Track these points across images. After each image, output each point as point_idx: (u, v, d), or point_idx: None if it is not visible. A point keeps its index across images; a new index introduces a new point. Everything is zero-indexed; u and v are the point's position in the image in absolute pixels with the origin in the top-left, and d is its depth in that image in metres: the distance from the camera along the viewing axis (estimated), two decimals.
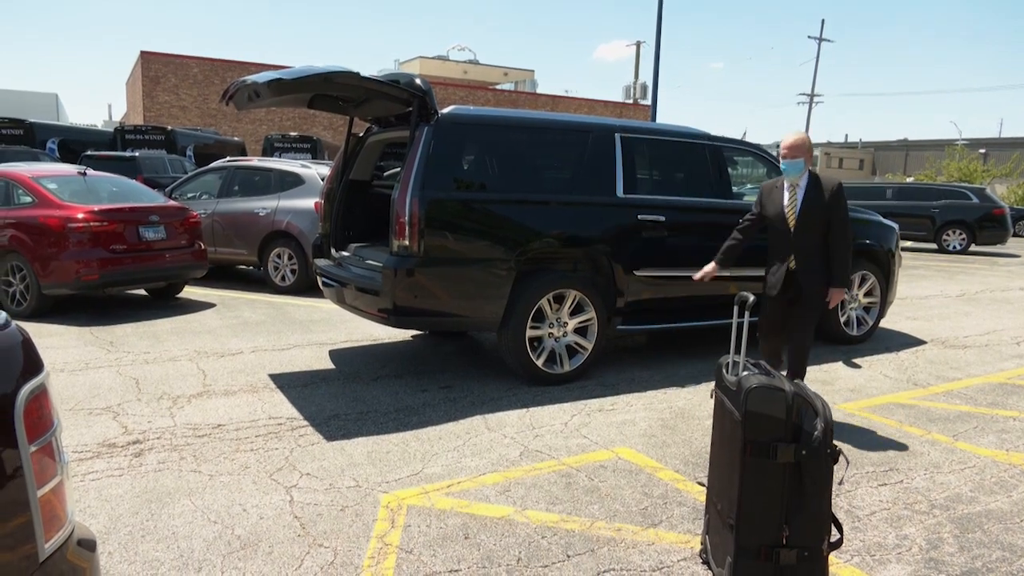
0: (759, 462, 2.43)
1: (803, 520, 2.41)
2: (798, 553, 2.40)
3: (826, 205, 4.15)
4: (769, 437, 2.42)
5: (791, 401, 2.44)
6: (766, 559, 2.42)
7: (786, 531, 2.41)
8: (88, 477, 3.49)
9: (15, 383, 1.42)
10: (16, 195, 7.51)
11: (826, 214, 4.16)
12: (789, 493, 2.41)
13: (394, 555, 2.85)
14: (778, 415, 2.43)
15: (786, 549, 2.41)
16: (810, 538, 2.41)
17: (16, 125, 17.91)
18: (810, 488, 2.39)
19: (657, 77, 19.78)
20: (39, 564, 1.44)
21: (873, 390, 5.31)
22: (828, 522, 2.44)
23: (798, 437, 2.41)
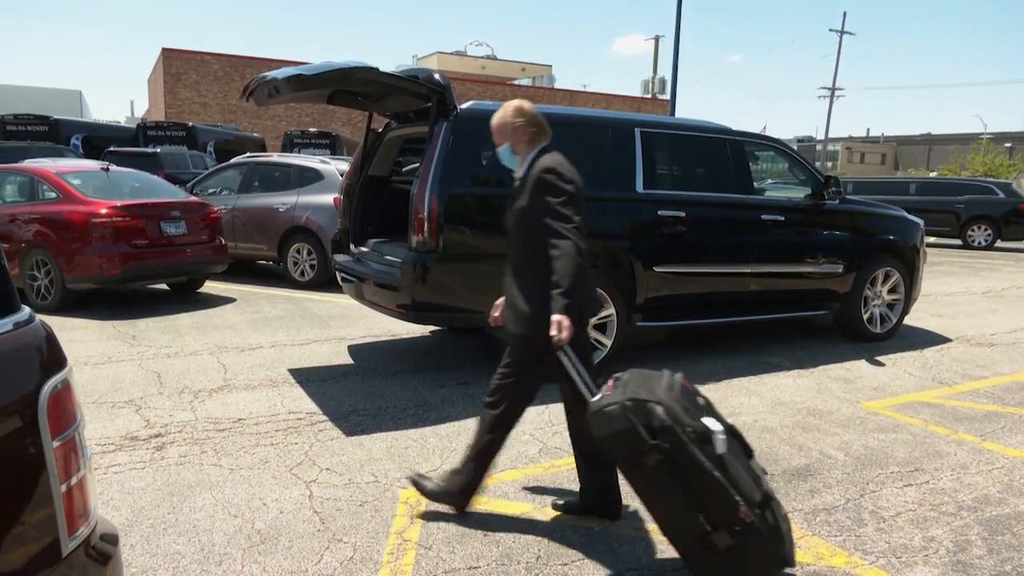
0: (638, 475, 2.51)
1: (708, 502, 2.43)
2: (729, 532, 2.41)
3: (526, 206, 2.96)
4: (630, 450, 2.47)
5: (628, 408, 2.48)
6: (706, 549, 2.45)
7: (703, 518, 2.43)
8: (111, 470, 3.52)
9: (39, 378, 1.43)
10: (41, 191, 7.61)
11: (527, 218, 2.96)
12: (682, 485, 2.44)
13: (413, 551, 2.85)
14: (623, 426, 2.48)
15: (716, 533, 2.42)
16: (726, 514, 2.41)
17: (41, 122, 18.17)
18: (692, 471, 2.42)
19: (676, 71, 19.63)
20: (62, 558, 1.44)
21: (897, 388, 5.23)
22: (730, 489, 2.41)
23: (655, 435, 2.44)
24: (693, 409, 2.55)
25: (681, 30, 19.37)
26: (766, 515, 2.43)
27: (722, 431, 2.47)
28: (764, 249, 5.88)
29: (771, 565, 2.47)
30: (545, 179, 2.88)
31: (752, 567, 2.47)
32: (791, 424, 4.40)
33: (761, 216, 5.86)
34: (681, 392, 2.59)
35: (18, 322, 1.45)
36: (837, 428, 4.35)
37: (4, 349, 1.39)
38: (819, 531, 3.08)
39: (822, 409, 4.70)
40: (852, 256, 6.31)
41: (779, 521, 2.48)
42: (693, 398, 2.62)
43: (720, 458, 2.43)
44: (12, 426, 1.35)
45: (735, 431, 2.62)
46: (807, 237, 6.17)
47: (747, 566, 2.46)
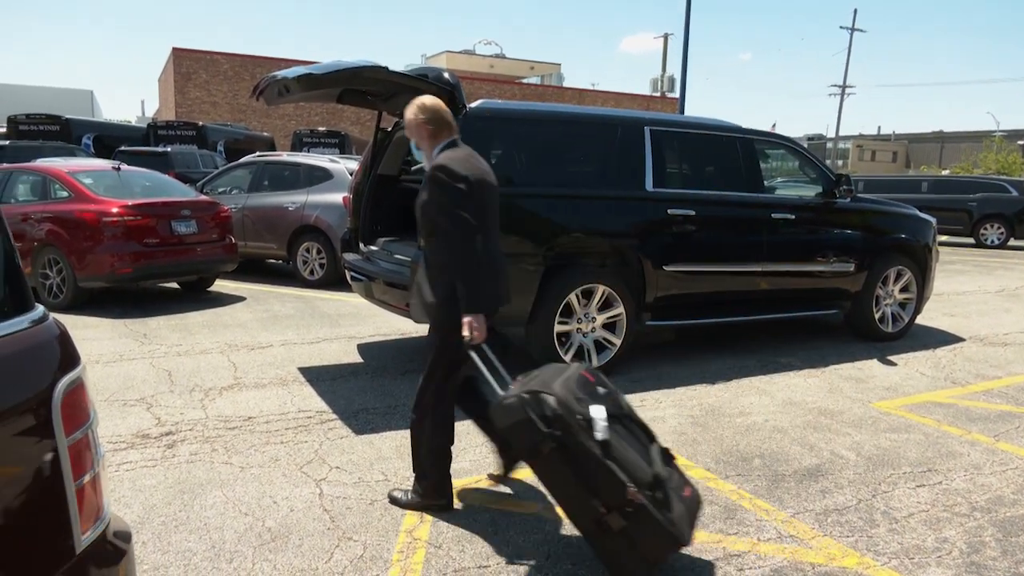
0: (538, 463, 2.65)
1: (601, 484, 2.53)
2: (621, 513, 2.50)
3: (425, 201, 3.02)
4: (528, 439, 2.61)
5: (525, 400, 2.63)
6: (603, 531, 2.55)
7: (597, 502, 2.53)
8: (123, 467, 3.54)
9: (52, 376, 1.43)
10: (53, 190, 7.67)
11: (426, 213, 3.03)
12: (575, 470, 2.56)
13: (423, 550, 2.85)
14: (520, 417, 2.62)
15: (609, 515, 2.51)
16: (615, 496, 2.50)
17: (53, 121, 18.30)
18: (581, 457, 2.54)
19: (686, 69, 19.55)
20: (76, 555, 1.45)
21: (909, 388, 5.19)
22: (617, 472, 2.51)
23: (549, 424, 2.57)
24: (587, 398, 2.66)
25: (690, 28, 19.32)
26: (656, 496, 2.52)
27: (604, 418, 2.58)
28: (774, 248, 5.85)
29: (665, 545, 2.55)
30: (436, 176, 2.96)
31: (646, 547, 2.54)
32: (802, 424, 4.38)
33: (771, 215, 5.83)
34: (577, 382, 2.72)
35: (33, 320, 1.46)
36: (849, 428, 4.32)
37: (19, 347, 1.40)
38: (831, 531, 3.06)
39: (833, 409, 4.68)
40: (863, 255, 6.27)
41: (674, 502, 2.57)
42: (592, 387, 2.74)
43: (604, 443, 2.54)
44: (27, 423, 1.36)
45: (633, 417, 2.78)
46: (818, 236, 6.14)
47: (642, 546, 2.54)
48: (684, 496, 2.66)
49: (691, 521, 2.64)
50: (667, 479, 2.61)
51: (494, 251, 3.04)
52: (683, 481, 2.76)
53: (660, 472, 2.59)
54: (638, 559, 2.55)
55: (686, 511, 2.61)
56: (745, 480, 3.56)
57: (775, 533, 3.04)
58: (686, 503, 2.65)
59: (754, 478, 3.59)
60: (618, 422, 2.68)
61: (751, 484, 3.52)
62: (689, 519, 2.62)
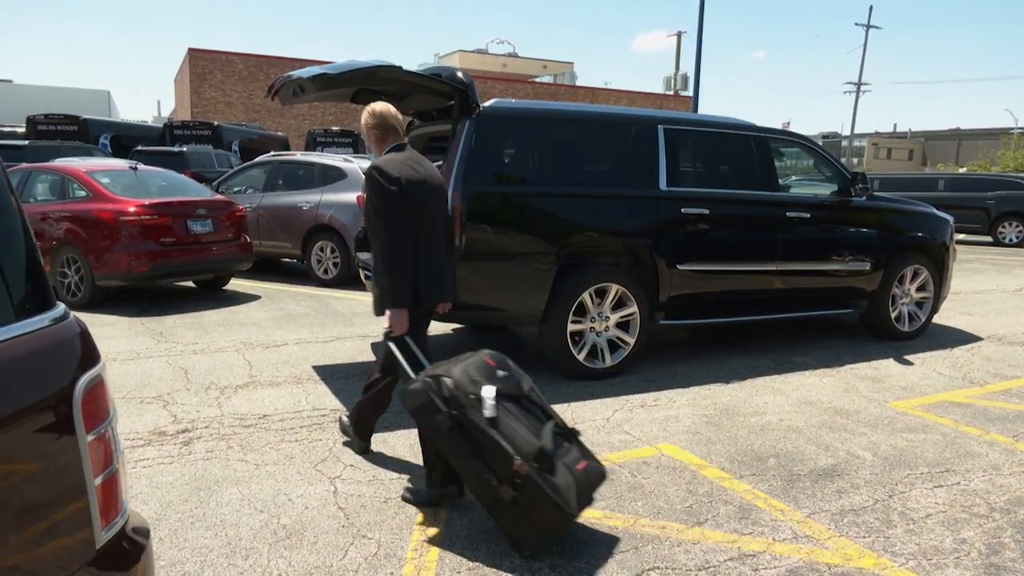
0: (441, 441, 2.86)
1: (491, 458, 2.75)
2: (511, 485, 2.70)
3: (364, 200, 3.27)
4: (431, 419, 2.84)
5: (427, 383, 2.87)
6: (498, 503, 2.76)
7: (491, 475, 2.75)
8: (140, 464, 3.58)
9: (73, 374, 1.45)
10: (71, 189, 7.75)
11: (366, 214, 3.24)
12: (471, 445, 2.77)
13: (437, 548, 2.86)
14: (424, 400, 2.85)
15: (501, 487, 2.73)
16: (504, 468, 2.72)
17: (71, 121, 18.50)
18: (475, 433, 2.77)
19: (699, 67, 19.47)
20: (96, 550, 1.47)
21: (927, 388, 5.15)
22: (504, 445, 2.74)
23: (447, 403, 2.81)
24: (483, 380, 2.88)
25: (704, 26, 19.22)
26: (542, 467, 2.72)
27: (493, 396, 2.81)
28: (789, 247, 5.81)
29: (551, 514, 2.71)
30: (369, 177, 3.19)
31: (536, 517, 2.72)
32: (817, 424, 4.35)
33: (786, 213, 5.79)
34: (476, 366, 2.95)
35: (55, 318, 1.48)
36: (865, 428, 4.29)
37: (41, 345, 1.42)
38: (847, 532, 3.04)
39: (849, 409, 4.64)
40: (879, 253, 6.22)
41: (560, 473, 2.77)
42: (491, 370, 2.97)
43: (492, 419, 2.77)
44: (48, 420, 1.38)
45: (532, 398, 3.00)
46: (833, 234, 6.09)
47: (532, 516, 2.72)
48: (577, 469, 2.84)
49: (584, 492, 2.83)
50: (553, 452, 2.80)
51: (428, 250, 3.30)
52: (581, 456, 2.93)
53: (546, 445, 2.78)
54: (531, 529, 2.75)
55: (575, 482, 2.78)
56: (760, 480, 3.54)
57: (790, 533, 3.02)
58: (577, 475, 2.82)
59: (769, 478, 3.57)
60: (514, 401, 2.91)
61: (766, 484, 3.50)
62: (580, 490, 2.80)
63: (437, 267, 3.37)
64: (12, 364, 1.34)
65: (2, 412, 1.29)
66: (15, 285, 1.41)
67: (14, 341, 1.36)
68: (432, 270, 3.33)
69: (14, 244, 1.42)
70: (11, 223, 1.43)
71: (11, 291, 1.39)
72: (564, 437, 2.96)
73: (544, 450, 2.77)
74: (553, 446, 2.83)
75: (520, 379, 3.06)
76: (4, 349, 1.33)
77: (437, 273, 3.37)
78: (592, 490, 2.93)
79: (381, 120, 3.37)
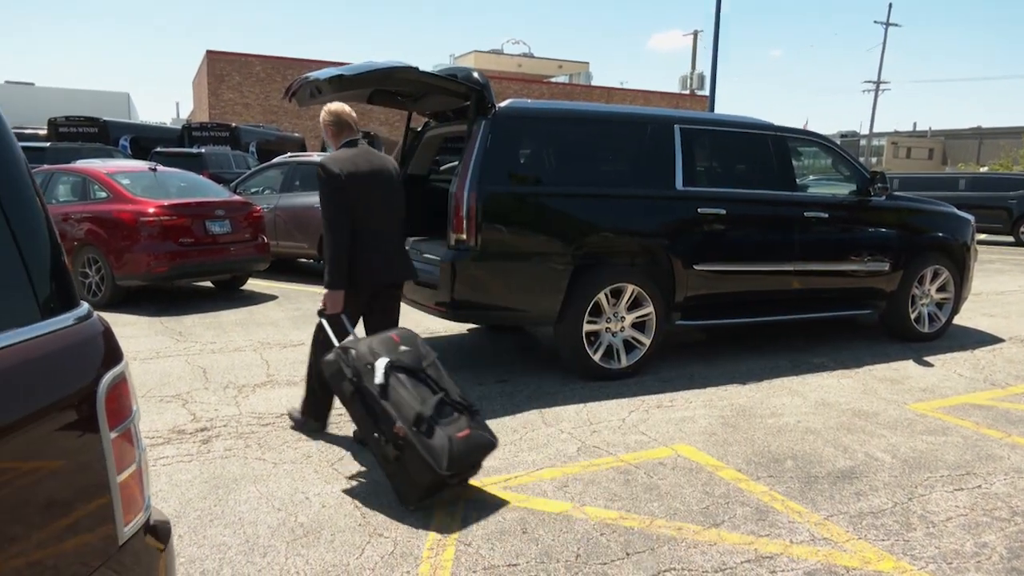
0: (347, 405, 3.31)
1: (382, 422, 3.15)
2: (394, 445, 3.11)
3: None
4: (339, 386, 3.30)
5: (339, 355, 3.32)
6: (386, 460, 3.18)
7: (382, 435, 3.15)
8: (160, 462, 3.62)
9: (97, 372, 1.47)
10: (92, 190, 7.86)
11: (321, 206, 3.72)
12: (367, 410, 3.21)
13: (453, 547, 2.87)
14: (336, 368, 3.30)
15: (387, 446, 3.13)
16: (388, 430, 3.13)
17: (92, 123, 18.75)
18: (369, 398, 3.20)
19: (716, 66, 19.37)
20: (119, 547, 1.48)
21: (947, 390, 5.09)
22: (390, 410, 3.15)
23: (351, 372, 3.25)
24: (383, 353, 3.30)
25: (720, 24, 19.10)
26: (421, 432, 3.10)
27: (384, 367, 3.22)
28: (807, 247, 5.77)
29: (424, 471, 3.08)
30: (318, 171, 3.63)
31: (413, 474, 3.11)
32: (835, 425, 4.31)
33: (804, 213, 5.75)
34: (381, 341, 3.39)
35: (79, 317, 1.50)
36: (884, 430, 4.25)
37: (65, 343, 1.44)
38: (866, 535, 3.01)
39: (868, 410, 4.60)
40: (899, 254, 6.15)
41: (437, 437, 3.12)
42: (394, 345, 3.38)
43: (382, 386, 3.17)
44: (72, 417, 1.40)
45: (429, 372, 3.37)
46: (852, 234, 6.04)
47: (410, 473, 3.11)
48: (456, 436, 3.17)
49: (461, 458, 3.15)
50: (434, 418, 3.17)
51: (371, 238, 3.70)
52: (467, 427, 3.25)
53: (425, 412, 3.15)
54: (411, 484, 3.14)
55: (451, 447, 3.12)
56: (777, 481, 3.52)
57: (808, 535, 3.00)
58: (455, 442, 3.15)
59: (786, 480, 3.55)
60: (409, 374, 3.30)
61: (783, 486, 3.48)
62: (456, 455, 3.12)
63: (383, 253, 3.77)
64: (37, 362, 1.36)
65: (28, 410, 1.31)
66: (40, 284, 1.43)
67: (39, 340, 1.38)
68: (373, 257, 3.71)
69: (39, 244, 1.44)
70: (37, 223, 1.45)
71: (36, 290, 1.42)
72: (455, 408, 3.30)
73: (422, 415, 3.14)
74: (434, 413, 3.19)
75: (422, 356, 3.44)
76: (30, 348, 1.35)
77: (384, 259, 3.78)
78: (472, 457, 3.25)
79: (336, 118, 3.77)
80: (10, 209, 1.39)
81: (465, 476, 3.33)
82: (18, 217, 1.41)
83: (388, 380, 3.20)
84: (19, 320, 1.37)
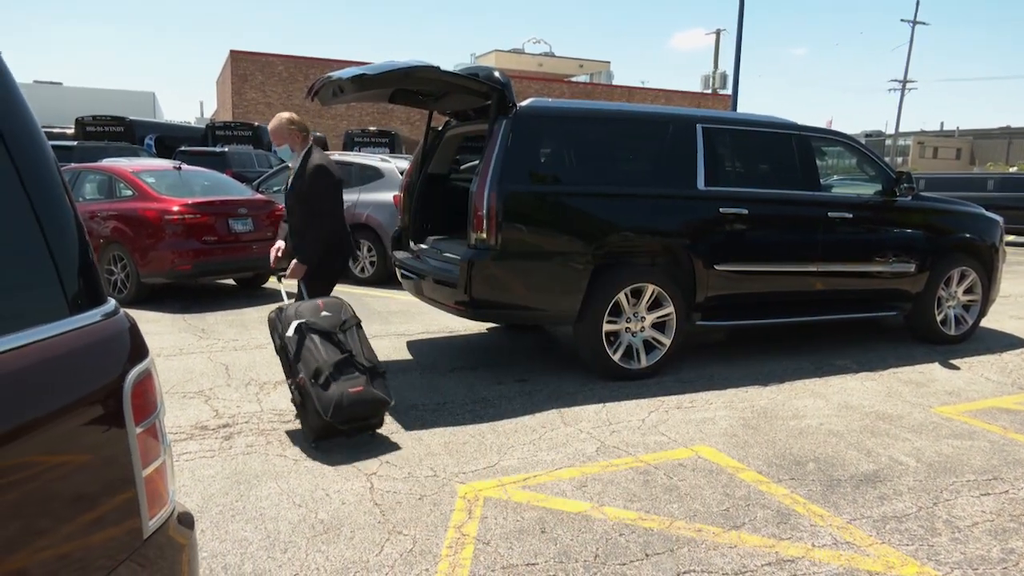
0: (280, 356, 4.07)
1: (292, 373, 3.89)
2: (300, 391, 3.81)
3: (305, 185, 4.33)
4: (273, 340, 4.11)
5: (274, 315, 4.08)
6: (295, 405, 3.95)
7: (294, 383, 3.86)
8: (183, 457, 3.67)
9: (123, 367, 1.49)
10: (118, 188, 7.97)
11: (302, 196, 4.34)
12: (285, 360, 3.99)
13: (471, 546, 2.87)
14: (271, 326, 4.11)
15: (295, 392, 3.88)
16: (295, 380, 3.85)
17: (118, 123, 19.05)
18: (284, 352, 3.97)
19: (738, 65, 19.20)
20: (143, 540, 1.50)
21: (974, 393, 5.00)
22: (296, 363, 3.83)
23: (279, 328, 4.01)
24: (306, 316, 3.92)
25: (743, 23, 18.93)
26: (317, 383, 3.70)
27: (295, 327, 3.86)
28: (831, 247, 5.70)
29: (316, 418, 3.70)
30: (321, 170, 4.31)
31: (310, 419, 3.77)
32: (859, 428, 4.26)
33: (828, 213, 5.68)
34: (307, 306, 4.01)
35: (106, 313, 1.52)
36: (908, 433, 4.19)
37: (93, 339, 1.46)
38: (889, 539, 2.97)
39: (892, 413, 4.54)
40: (925, 255, 6.06)
41: (332, 389, 3.68)
42: (318, 310, 3.98)
43: (292, 341, 3.85)
44: (99, 412, 1.42)
45: (340, 337, 3.90)
46: (877, 235, 5.96)
47: (308, 417, 3.79)
48: (349, 391, 3.70)
49: (347, 408, 3.67)
50: (331, 374, 3.72)
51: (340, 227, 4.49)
52: (362, 384, 3.77)
53: (323, 367, 3.73)
54: (308, 425, 3.82)
55: (342, 400, 3.66)
56: (799, 484, 3.49)
57: (830, 539, 2.97)
58: (346, 395, 3.68)
59: (808, 482, 3.51)
60: (323, 335, 3.87)
61: (805, 488, 3.44)
62: (343, 405, 3.66)
63: (343, 239, 4.52)
64: (66, 358, 1.38)
65: (56, 405, 1.33)
66: (69, 281, 1.45)
67: (67, 336, 1.40)
68: (335, 242, 4.44)
69: (68, 241, 1.47)
70: (66, 220, 1.47)
71: (65, 287, 1.44)
72: (357, 368, 3.82)
73: (320, 370, 3.73)
74: (334, 370, 3.73)
75: (340, 322, 3.97)
76: (58, 344, 1.38)
77: (346, 244, 4.57)
78: (361, 410, 3.75)
79: (300, 125, 4.44)
80: (40, 207, 1.41)
81: (361, 426, 3.84)
82: (48, 215, 1.43)
83: (299, 338, 3.84)
84: (48, 316, 1.39)
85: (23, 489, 1.25)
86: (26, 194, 1.40)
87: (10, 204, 1.38)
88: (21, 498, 1.24)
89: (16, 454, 1.24)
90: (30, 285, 1.40)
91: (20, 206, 1.39)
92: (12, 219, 1.38)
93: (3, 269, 1.35)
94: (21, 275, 1.39)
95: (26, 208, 1.39)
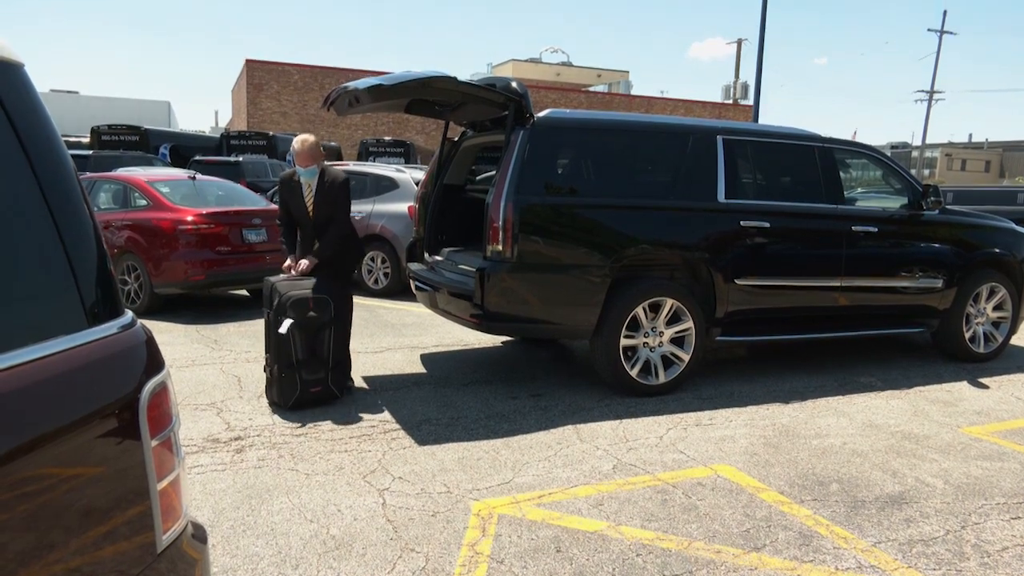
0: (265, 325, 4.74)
1: (268, 351, 4.63)
2: (270, 370, 4.61)
3: (331, 198, 4.84)
4: (264, 309, 4.73)
5: (270, 288, 4.64)
6: (269, 375, 4.65)
7: (268, 358, 4.62)
8: (194, 470, 3.62)
9: (139, 380, 1.46)
10: (133, 198, 7.99)
11: (332, 204, 4.84)
12: (268, 340, 4.66)
13: (485, 564, 2.80)
14: (265, 294, 4.69)
15: (267, 368, 4.64)
16: (270, 360, 4.59)
17: (133, 132, 19.23)
18: (273, 333, 4.54)
19: (760, 75, 19.08)
20: (157, 555, 1.47)
21: (1003, 413, 4.87)
22: (274, 347, 4.55)
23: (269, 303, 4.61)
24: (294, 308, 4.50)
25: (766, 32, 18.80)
26: (285, 369, 4.49)
27: (287, 326, 4.44)
28: (854, 262, 5.60)
29: (277, 399, 4.56)
30: (346, 183, 4.89)
31: (274, 391, 4.58)
32: (884, 448, 4.15)
33: (852, 227, 5.59)
34: (300, 300, 4.54)
35: (123, 325, 1.49)
36: (935, 454, 4.08)
37: (110, 351, 1.43)
38: (916, 563, 2.87)
39: (918, 433, 4.42)
40: (953, 270, 5.94)
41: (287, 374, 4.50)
42: (306, 310, 4.54)
43: (281, 335, 4.45)
44: (115, 425, 1.39)
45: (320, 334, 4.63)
46: (902, 250, 5.85)
47: (271, 391, 4.63)
48: (309, 378, 4.58)
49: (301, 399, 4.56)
50: (298, 364, 4.52)
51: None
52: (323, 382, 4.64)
53: (293, 361, 4.50)
54: (271, 398, 4.66)
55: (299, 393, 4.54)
56: (822, 505, 3.39)
57: (855, 562, 2.87)
58: (308, 395, 4.58)
59: (831, 503, 3.41)
60: (304, 331, 4.58)
61: (828, 510, 3.34)
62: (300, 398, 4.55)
63: (358, 237, 5.26)
64: (83, 370, 1.36)
65: (72, 416, 1.31)
66: (87, 292, 1.43)
67: (85, 347, 1.38)
68: (353, 240, 5.11)
69: (87, 251, 1.44)
70: (85, 230, 1.45)
71: (83, 298, 1.42)
72: (323, 367, 4.63)
73: (291, 363, 4.51)
74: (300, 365, 4.52)
75: (323, 324, 4.60)
76: (76, 355, 1.35)
77: (359, 240, 5.33)
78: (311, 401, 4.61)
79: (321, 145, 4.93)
80: (60, 216, 1.39)
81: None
82: (67, 224, 1.41)
83: (288, 333, 4.47)
84: (67, 327, 1.37)
85: (38, 501, 1.23)
86: (47, 205, 1.38)
87: (30, 215, 1.36)
88: (36, 510, 1.22)
89: (33, 466, 1.23)
90: (49, 296, 1.38)
91: (40, 217, 1.37)
92: (32, 229, 1.36)
93: (23, 280, 1.34)
94: (41, 286, 1.37)
95: (46, 219, 1.38)
